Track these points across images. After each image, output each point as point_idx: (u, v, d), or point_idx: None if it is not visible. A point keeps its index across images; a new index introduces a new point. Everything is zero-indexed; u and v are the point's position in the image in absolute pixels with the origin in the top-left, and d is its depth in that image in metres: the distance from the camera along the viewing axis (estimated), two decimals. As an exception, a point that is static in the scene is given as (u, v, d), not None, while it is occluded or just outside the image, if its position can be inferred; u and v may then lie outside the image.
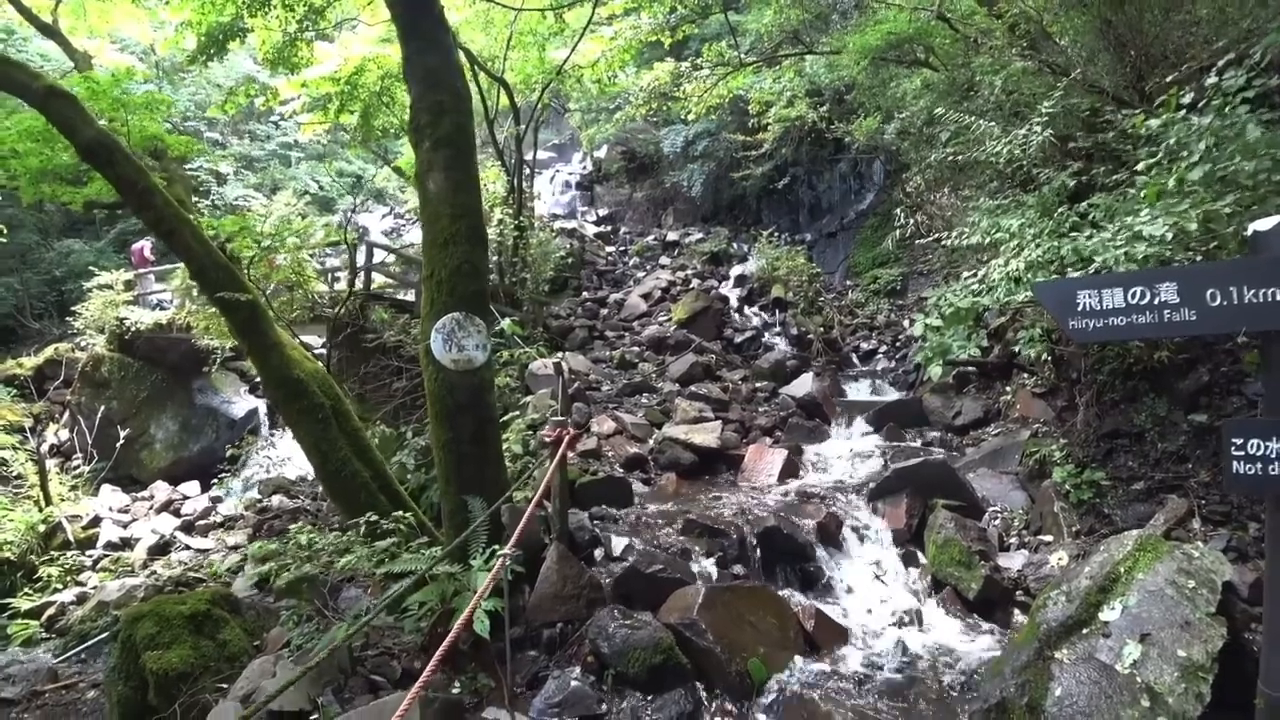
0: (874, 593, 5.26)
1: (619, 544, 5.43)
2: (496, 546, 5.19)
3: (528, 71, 12.50)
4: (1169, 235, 3.56)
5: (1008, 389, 8.14)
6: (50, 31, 9.47)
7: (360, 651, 5.49)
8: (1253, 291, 2.73)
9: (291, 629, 5.63)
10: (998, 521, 5.82)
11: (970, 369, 8.73)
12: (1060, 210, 5.50)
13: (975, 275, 6.06)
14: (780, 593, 5.17)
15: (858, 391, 10.77)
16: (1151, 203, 3.97)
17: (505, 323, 9.69)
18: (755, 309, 14.54)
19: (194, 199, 15.16)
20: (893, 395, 10.24)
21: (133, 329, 11.98)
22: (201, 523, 10.44)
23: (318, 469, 6.42)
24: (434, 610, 5.13)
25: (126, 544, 10.15)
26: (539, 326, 11.91)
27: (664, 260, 16.75)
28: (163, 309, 12.37)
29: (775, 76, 14.37)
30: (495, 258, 12.16)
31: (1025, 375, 7.97)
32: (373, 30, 12.23)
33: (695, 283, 14.53)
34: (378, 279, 12.48)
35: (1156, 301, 2.95)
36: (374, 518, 5.66)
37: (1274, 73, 4.76)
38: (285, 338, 6.60)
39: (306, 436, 6.24)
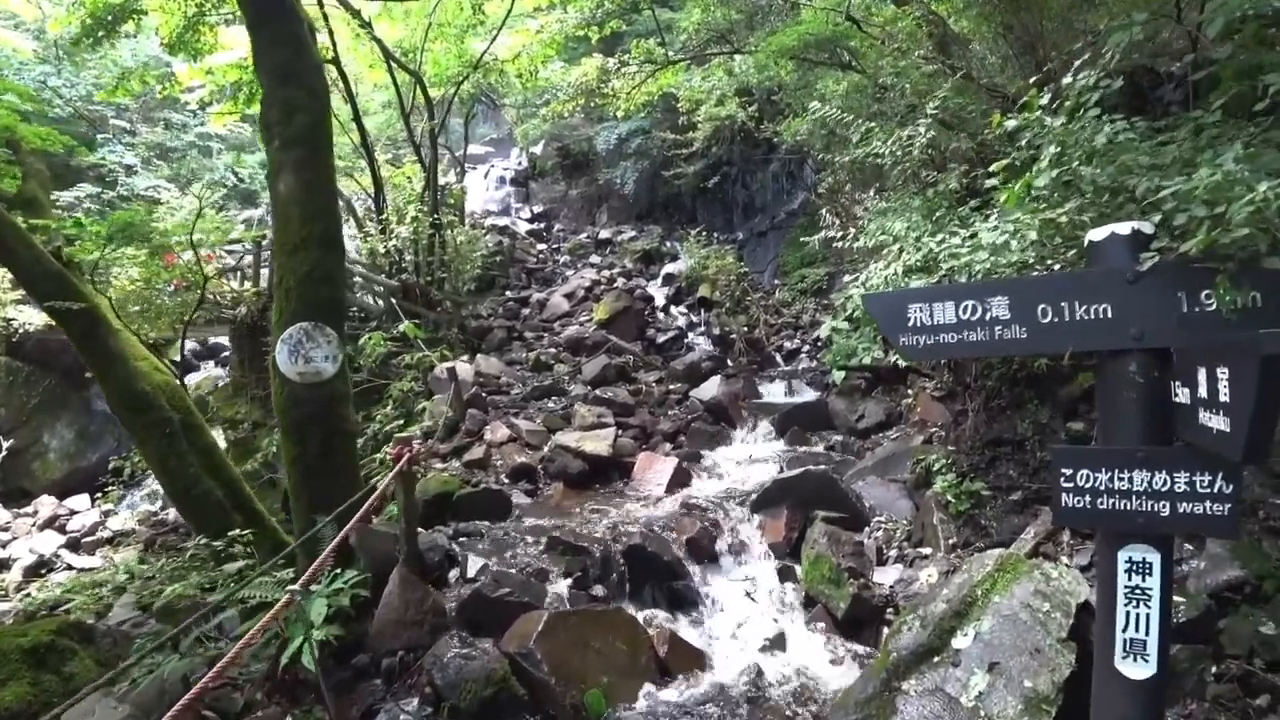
0: (743, 612, 4.96)
1: (476, 564, 5.06)
2: (340, 570, 4.83)
3: (447, 64, 11.95)
4: (1011, 243, 3.26)
5: (910, 392, 7.93)
6: None
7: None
8: (1084, 308, 2.47)
9: (136, 659, 5.13)
10: (880, 533, 5.56)
11: (865, 374, 8.51)
12: (939, 214, 5.25)
13: (857, 280, 5.81)
14: (643, 614, 4.85)
15: (773, 393, 10.51)
16: (1011, 208, 3.73)
17: (405, 325, 9.23)
18: (682, 308, 14.24)
19: (100, 190, 14.34)
20: (809, 396, 10.00)
21: (21, 330, 11.18)
22: (89, 539, 9.76)
23: (165, 487, 5.96)
24: (278, 637, 4.72)
25: (4, 565, 9.42)
26: (455, 328, 11.41)
27: (594, 259, 16.34)
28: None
29: (705, 75, 14.06)
30: (409, 257, 11.64)
31: (925, 379, 7.77)
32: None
33: (620, 282, 14.17)
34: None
35: (988, 317, 2.68)
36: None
37: (1121, 75, 4.56)
38: (134, 348, 6.07)
39: (153, 453, 5.77)
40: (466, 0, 10.87)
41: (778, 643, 4.59)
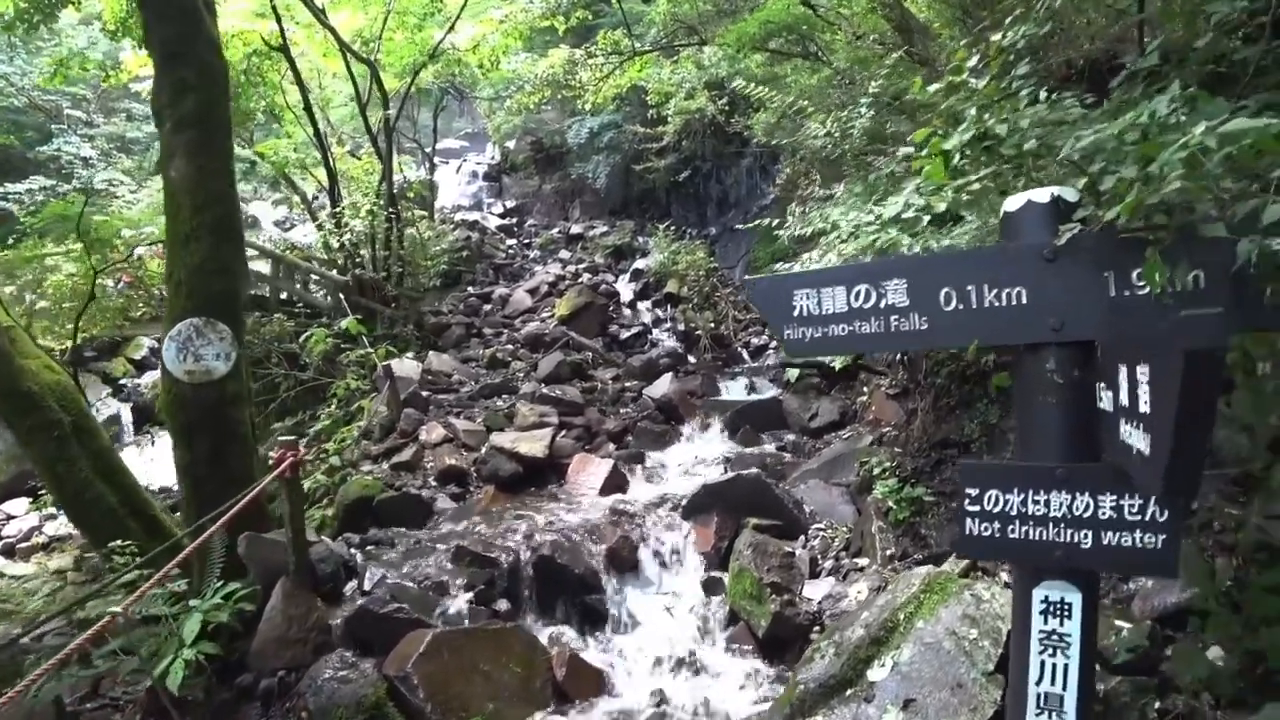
0: (659, 629, 4.47)
1: (374, 576, 4.53)
2: (227, 583, 4.32)
3: (405, 53, 11.38)
4: (904, 215, 2.74)
5: (865, 390, 7.43)
6: None
7: (79, 705, 4.57)
8: (994, 292, 1.98)
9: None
10: (817, 542, 5.08)
11: (820, 371, 8.04)
12: (877, 198, 4.74)
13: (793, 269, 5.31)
14: (549, 630, 4.39)
15: (734, 391, 10.01)
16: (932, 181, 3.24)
17: (348, 321, 8.67)
18: (649, 304, 13.72)
19: (55, 183, 13.72)
20: (770, 394, 9.49)
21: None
22: (24, 545, 9.19)
23: (54, 493, 5.45)
24: (153, 655, 4.21)
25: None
26: (410, 324, 10.86)
27: (564, 254, 15.79)
28: None
29: (674, 68, 13.53)
30: (364, 251, 11.08)
31: (880, 376, 7.27)
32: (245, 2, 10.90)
33: (586, 277, 13.64)
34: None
35: (883, 304, 2.17)
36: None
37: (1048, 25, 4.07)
38: (22, 344, 5.51)
39: (40, 457, 5.23)
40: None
41: (691, 664, 4.12)
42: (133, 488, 5.43)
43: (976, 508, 2.02)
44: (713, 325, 12.70)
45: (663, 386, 8.63)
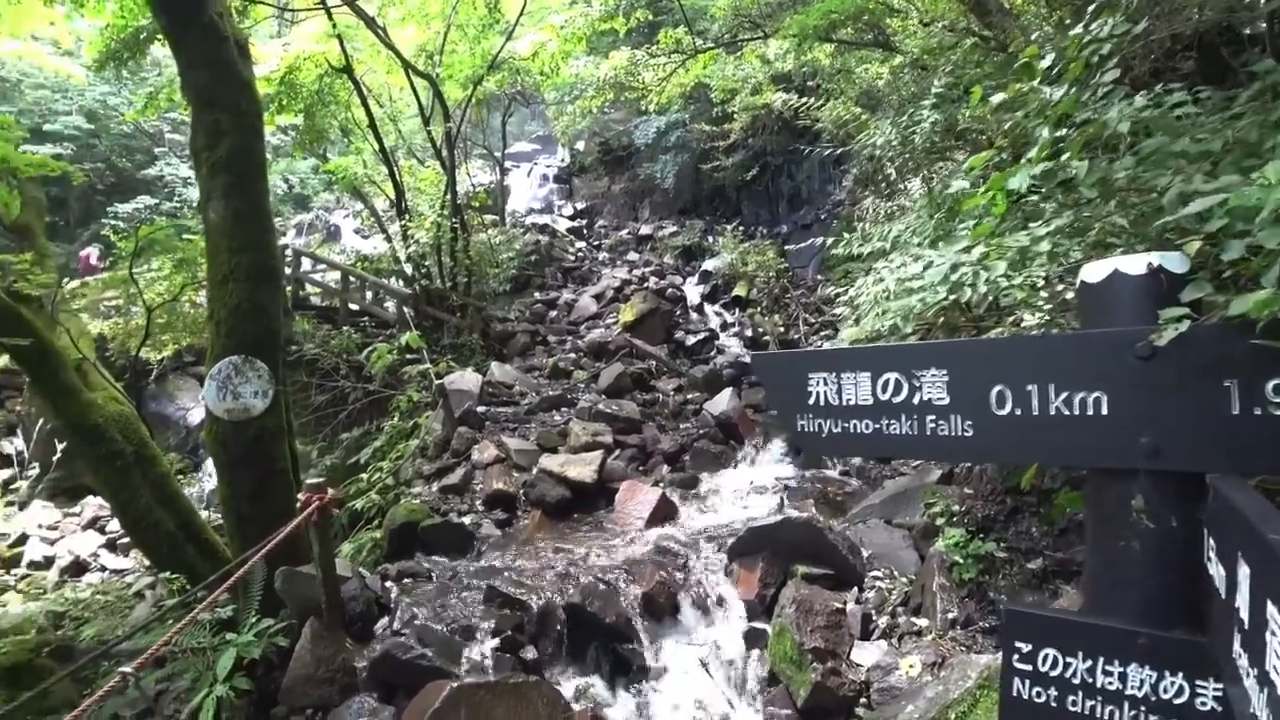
0: (694, 685, 4.09)
1: (405, 614, 4.38)
2: (263, 617, 4.25)
3: (465, 65, 11.27)
4: (959, 280, 2.19)
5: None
6: None
7: None
8: (1063, 396, 1.48)
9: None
10: (872, 594, 4.53)
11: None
12: (938, 217, 4.13)
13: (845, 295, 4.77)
14: (577, 682, 4.11)
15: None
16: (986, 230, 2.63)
17: (409, 335, 8.63)
18: (717, 308, 13.23)
19: (158, 201, 14.47)
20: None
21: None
22: (125, 541, 9.66)
23: (119, 518, 5.64)
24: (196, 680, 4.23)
25: (50, 563, 9.44)
26: (475, 333, 10.78)
27: (633, 255, 15.46)
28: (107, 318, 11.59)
29: (737, 63, 12.92)
30: (430, 262, 11.08)
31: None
32: (319, 24, 11.05)
33: (652, 281, 13.26)
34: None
35: (918, 399, 1.71)
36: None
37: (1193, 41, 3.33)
38: (92, 378, 5.65)
39: (106, 485, 5.40)
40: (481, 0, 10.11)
41: (722, 733, 3.69)
42: (189, 512, 5.50)
43: (1027, 667, 1.57)
44: (782, 329, 12.11)
45: (723, 402, 8.16)
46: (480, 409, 8.05)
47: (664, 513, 5.94)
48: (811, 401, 1.87)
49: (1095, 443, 1.43)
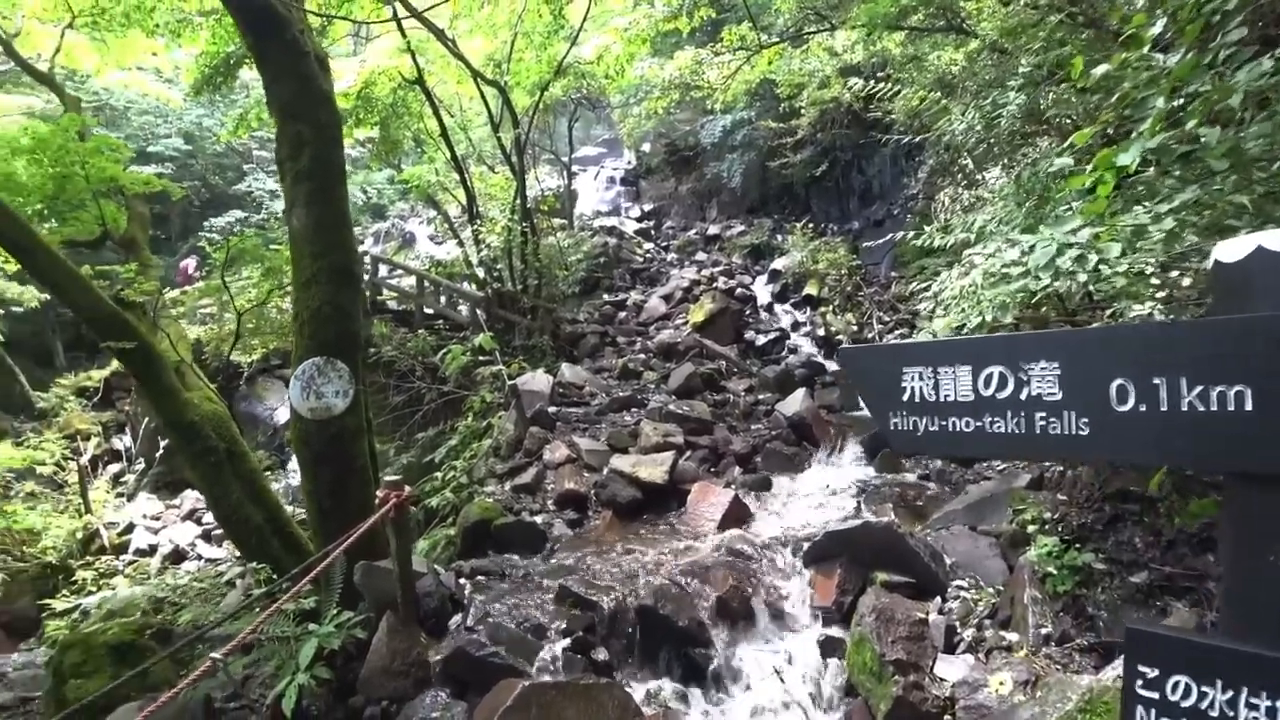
0: (767, 694, 3.96)
1: (478, 611, 4.46)
2: (343, 610, 4.41)
3: (532, 71, 11.41)
4: (1068, 263, 2.01)
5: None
6: (44, 79, 9.38)
7: (224, 703, 4.91)
8: (1197, 390, 1.32)
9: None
10: (956, 604, 4.29)
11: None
12: (1030, 204, 3.86)
13: (928, 290, 4.55)
14: (649, 685, 4.05)
15: (874, 403, 9.05)
16: (1095, 208, 2.39)
17: (481, 337, 8.78)
18: (787, 307, 12.96)
19: (247, 215, 15.25)
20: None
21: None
22: (218, 532, 10.20)
23: (213, 511, 5.91)
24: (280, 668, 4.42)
25: (154, 551, 10.07)
26: (546, 334, 10.89)
27: (701, 256, 15.33)
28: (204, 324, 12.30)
29: (804, 57, 12.64)
30: (501, 265, 11.27)
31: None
32: (392, 41, 11.44)
33: (721, 281, 13.09)
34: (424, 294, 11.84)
35: (1025, 394, 1.59)
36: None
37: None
38: (189, 379, 5.97)
39: (201, 480, 5.67)
40: (546, 6, 10.20)
41: (800, 746, 3.55)
42: (275, 507, 5.72)
43: (1153, 694, 1.42)
44: (855, 328, 11.77)
45: (796, 402, 7.95)
46: (551, 409, 8.10)
47: (737, 515, 5.82)
48: (906, 398, 1.74)
49: (1237, 444, 1.26)
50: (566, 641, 4.14)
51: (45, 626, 8.84)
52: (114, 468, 12.15)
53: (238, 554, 6.87)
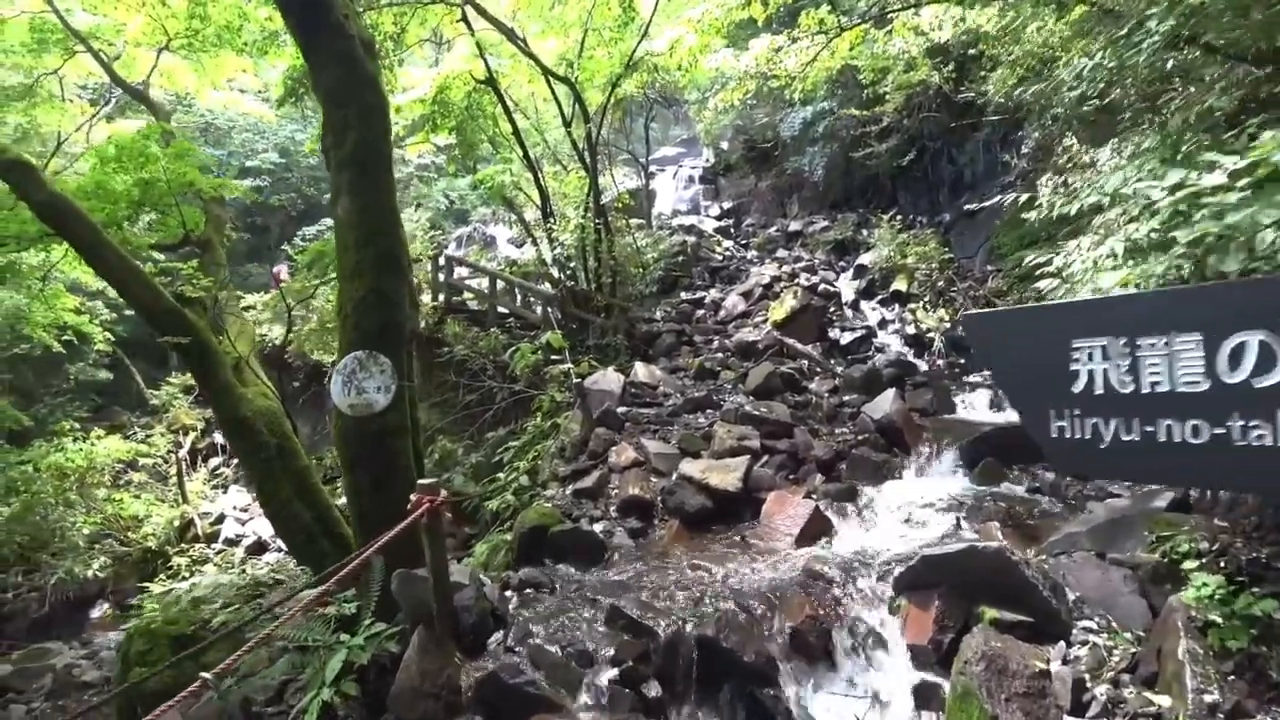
0: (851, 753, 3.23)
1: (521, 630, 3.96)
2: (376, 621, 4.06)
3: (603, 68, 11.02)
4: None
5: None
6: (139, 95, 9.69)
7: (264, 708, 4.67)
8: None
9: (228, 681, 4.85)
10: (1084, 653, 3.44)
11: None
12: (1186, 151, 3.00)
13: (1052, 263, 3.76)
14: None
15: (974, 406, 8.13)
16: None
17: (550, 335, 8.38)
18: (873, 304, 12.00)
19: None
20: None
21: (270, 343, 12.21)
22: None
23: (263, 508, 5.72)
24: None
25: (240, 541, 10.27)
26: (620, 333, 10.42)
27: (782, 253, 14.51)
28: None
29: (887, 39, 11.67)
30: (573, 264, 10.90)
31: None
32: (467, 47, 11.30)
33: (803, 277, 12.27)
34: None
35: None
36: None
37: None
38: (248, 375, 5.82)
39: (252, 475, 5.53)
40: (615, 0, 9.77)
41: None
42: (326, 506, 5.46)
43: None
44: (947, 326, 10.70)
45: (885, 405, 7.09)
46: (621, 409, 7.59)
47: (817, 529, 5.10)
48: (1079, 387, 1.09)
49: None
50: (615, 671, 3.57)
51: (144, 608, 9.12)
52: (214, 461, 12.54)
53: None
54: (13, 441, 11.61)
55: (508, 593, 4.41)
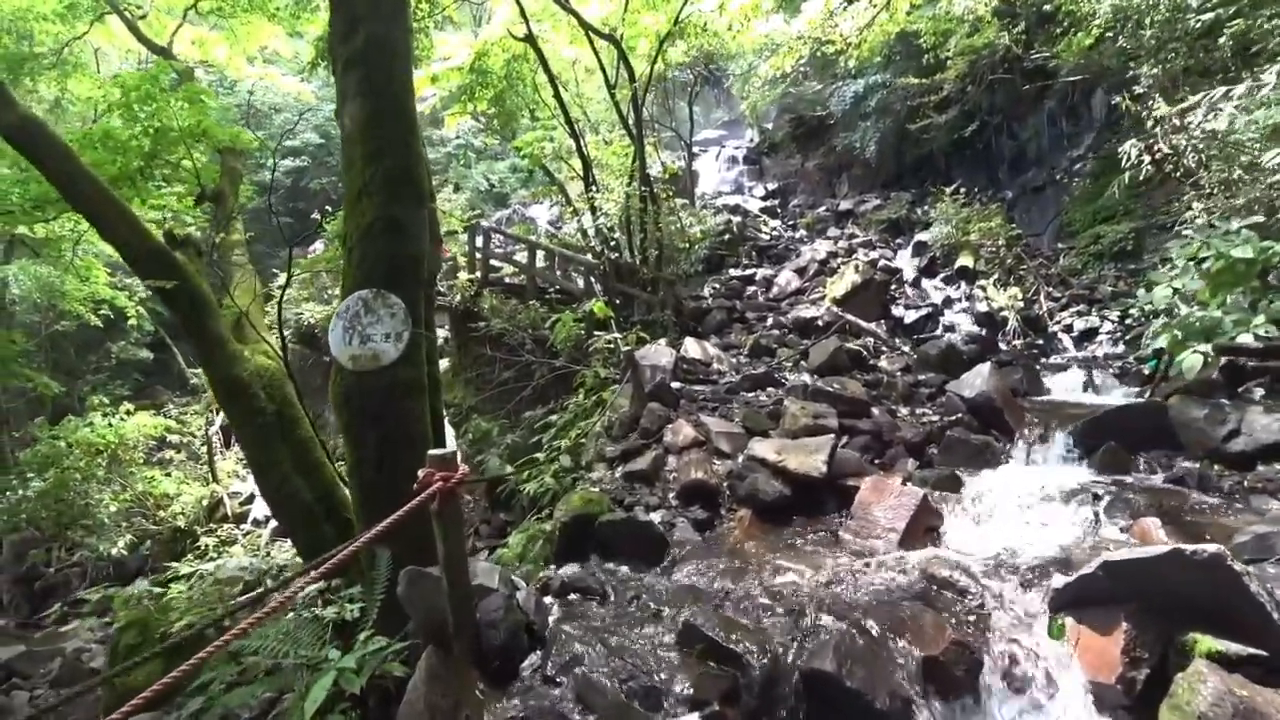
0: None
1: (565, 653, 2.86)
2: (374, 634, 3.05)
3: (648, 32, 9.95)
4: None
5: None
6: (161, 51, 8.97)
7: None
8: None
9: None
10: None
11: (1252, 360, 4.85)
12: None
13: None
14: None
15: (1065, 388, 6.91)
16: None
17: (594, 303, 7.35)
18: (936, 281, 10.78)
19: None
20: (1119, 396, 6.37)
21: (308, 323, 11.43)
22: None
23: (258, 483, 4.83)
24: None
25: (268, 522, 9.48)
26: (668, 309, 9.37)
27: (832, 232, 13.30)
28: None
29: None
30: (619, 235, 9.85)
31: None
32: (506, 11, 10.28)
33: (861, 253, 11.04)
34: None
35: None
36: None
37: None
38: (248, 332, 4.87)
39: (246, 445, 4.59)
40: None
41: None
42: (330, 484, 4.47)
43: None
44: (1021, 304, 9.43)
45: (977, 382, 5.87)
46: (675, 385, 6.54)
47: (927, 523, 3.97)
48: None
49: None
50: (695, 717, 2.52)
51: (170, 589, 8.41)
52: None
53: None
54: (57, 419, 11.07)
55: (547, 599, 3.35)
